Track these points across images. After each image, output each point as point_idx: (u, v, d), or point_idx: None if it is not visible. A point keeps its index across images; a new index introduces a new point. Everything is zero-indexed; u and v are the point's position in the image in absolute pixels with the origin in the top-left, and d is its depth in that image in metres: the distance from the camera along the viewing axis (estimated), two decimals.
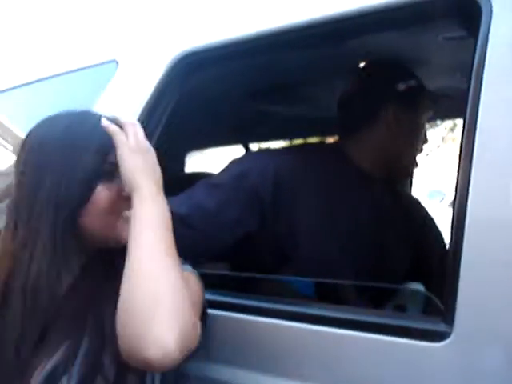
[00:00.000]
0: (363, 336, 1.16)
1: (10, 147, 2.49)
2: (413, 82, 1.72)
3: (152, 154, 1.18)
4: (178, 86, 1.71)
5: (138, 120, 1.65)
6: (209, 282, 1.26)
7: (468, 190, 1.07)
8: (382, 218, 1.68)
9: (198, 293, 1.20)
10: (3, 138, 2.57)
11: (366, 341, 1.15)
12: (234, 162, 1.74)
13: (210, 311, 1.25)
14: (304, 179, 1.61)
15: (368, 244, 1.61)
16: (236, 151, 3.45)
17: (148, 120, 1.67)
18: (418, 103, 1.74)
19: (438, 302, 1.15)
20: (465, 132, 1.12)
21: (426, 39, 1.64)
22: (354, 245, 1.58)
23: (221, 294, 1.40)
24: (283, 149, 1.95)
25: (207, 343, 1.20)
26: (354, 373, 1.16)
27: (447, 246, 1.11)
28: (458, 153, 1.12)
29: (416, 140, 1.77)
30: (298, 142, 3.13)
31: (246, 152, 2.93)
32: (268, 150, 2.30)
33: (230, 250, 1.61)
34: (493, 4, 1.14)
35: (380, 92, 1.71)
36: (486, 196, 1.06)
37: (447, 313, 1.06)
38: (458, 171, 1.11)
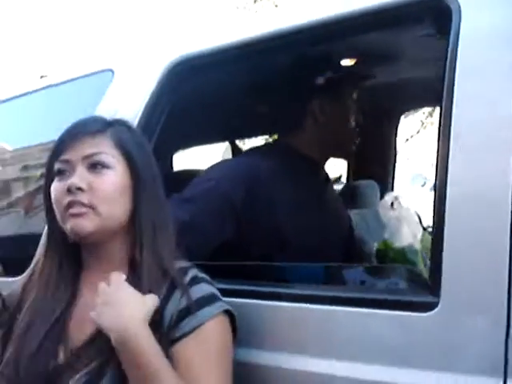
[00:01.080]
0: (364, 311, 1.29)
1: None
2: (330, 73, 1.87)
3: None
4: (172, 90, 1.83)
5: (137, 126, 1.77)
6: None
7: (447, 173, 1.19)
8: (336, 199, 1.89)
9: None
10: None
11: (368, 315, 1.28)
12: (201, 176, 1.85)
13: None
14: (270, 179, 1.74)
15: (337, 223, 1.78)
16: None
17: (146, 125, 1.78)
18: (340, 91, 1.89)
19: (426, 277, 1.27)
20: (442, 120, 1.24)
21: (405, 37, 1.77)
22: (327, 227, 1.74)
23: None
24: (245, 155, 2.07)
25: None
26: (360, 344, 1.28)
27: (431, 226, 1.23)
28: (437, 140, 1.25)
29: (349, 124, 1.92)
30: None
31: (234, 153, 3.03)
32: (232, 160, 2.40)
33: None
34: (460, 4, 1.26)
35: (303, 90, 1.86)
36: (464, 179, 1.19)
37: (434, 286, 1.18)
38: (437, 157, 1.23)
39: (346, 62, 1.92)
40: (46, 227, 1.44)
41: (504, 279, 1.09)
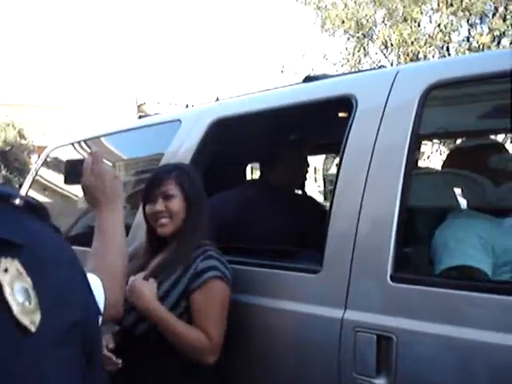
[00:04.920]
0: (282, 272, 2.28)
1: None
2: (294, 136, 2.96)
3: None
4: (212, 138, 2.88)
5: (193, 157, 2.80)
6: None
7: (334, 194, 2.17)
8: (290, 211, 2.90)
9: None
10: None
11: (284, 275, 2.27)
12: (214, 199, 2.83)
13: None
14: (251, 204, 2.83)
15: (285, 225, 2.79)
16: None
17: (197, 159, 2.84)
18: (299, 147, 3.01)
19: (316, 253, 2.21)
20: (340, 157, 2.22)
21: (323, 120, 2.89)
22: (282, 227, 2.75)
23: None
24: (237, 188, 3.10)
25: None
26: (279, 291, 2.27)
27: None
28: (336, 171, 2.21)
29: (301, 167, 3.08)
30: None
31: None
32: (231, 191, 3.20)
33: None
34: (358, 99, 2.22)
35: (277, 144, 3.01)
36: (344, 200, 2.14)
37: (320, 260, 2.13)
38: (335, 181, 2.20)
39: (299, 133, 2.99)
40: (146, 226, 2.50)
41: (349, 259, 2.03)
